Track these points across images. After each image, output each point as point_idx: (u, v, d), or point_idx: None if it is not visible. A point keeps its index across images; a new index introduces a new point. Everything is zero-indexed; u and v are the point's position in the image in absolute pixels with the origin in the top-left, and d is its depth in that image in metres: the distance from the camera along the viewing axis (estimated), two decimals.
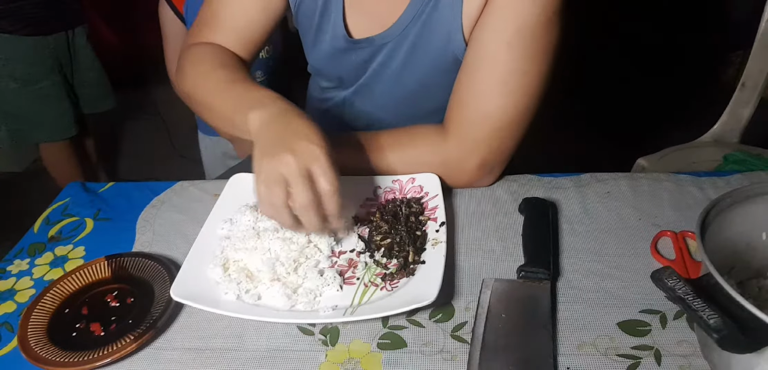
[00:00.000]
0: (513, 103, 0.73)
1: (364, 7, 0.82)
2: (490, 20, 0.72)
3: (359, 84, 0.90)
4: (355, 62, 0.87)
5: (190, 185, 0.87)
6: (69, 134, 2.00)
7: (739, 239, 0.57)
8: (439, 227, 0.69)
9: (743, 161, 1.34)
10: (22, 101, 1.87)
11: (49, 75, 1.89)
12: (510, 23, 0.71)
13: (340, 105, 0.95)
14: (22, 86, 1.84)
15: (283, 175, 0.59)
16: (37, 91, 1.87)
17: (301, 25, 0.89)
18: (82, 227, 0.80)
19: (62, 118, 1.96)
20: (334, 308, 0.60)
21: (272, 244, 0.66)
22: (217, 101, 0.75)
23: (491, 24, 0.72)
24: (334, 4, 0.82)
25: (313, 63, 0.95)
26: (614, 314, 0.60)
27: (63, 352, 0.59)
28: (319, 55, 0.89)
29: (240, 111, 0.69)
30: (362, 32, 0.83)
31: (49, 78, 1.89)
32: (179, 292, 0.61)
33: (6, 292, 0.70)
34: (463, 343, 0.58)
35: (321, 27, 0.85)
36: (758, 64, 1.38)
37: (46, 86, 1.88)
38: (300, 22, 0.88)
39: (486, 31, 0.73)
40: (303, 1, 0.84)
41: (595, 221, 0.74)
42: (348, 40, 0.83)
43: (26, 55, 1.82)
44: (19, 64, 1.82)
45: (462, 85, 0.76)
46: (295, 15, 0.87)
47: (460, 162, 0.77)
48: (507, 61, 0.72)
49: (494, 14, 0.72)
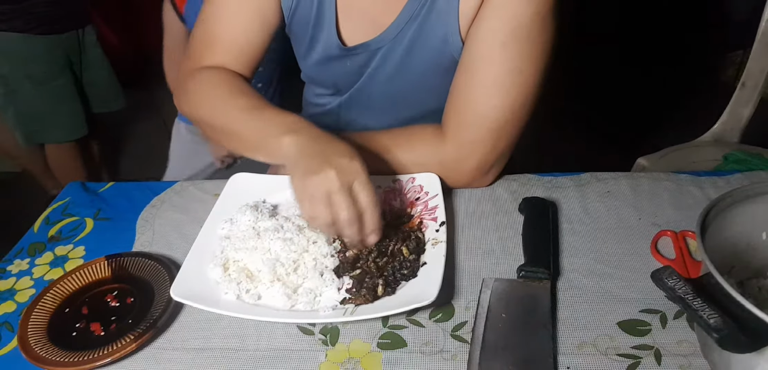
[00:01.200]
0: (509, 103, 0.73)
1: (357, 13, 0.82)
2: (485, 20, 0.72)
3: (355, 89, 0.89)
4: (350, 69, 0.86)
5: (190, 184, 0.87)
6: (81, 134, 2.00)
7: (739, 239, 0.57)
8: (439, 226, 0.69)
9: (743, 161, 1.34)
10: (38, 101, 1.87)
11: (62, 73, 1.90)
12: (505, 23, 0.71)
13: (336, 110, 0.95)
14: (38, 85, 1.85)
15: (328, 192, 0.61)
16: (51, 90, 1.88)
17: (294, 35, 0.88)
18: (82, 227, 0.80)
19: (75, 117, 1.97)
20: (334, 307, 0.60)
21: (272, 244, 0.66)
22: (240, 127, 0.75)
23: (487, 24, 0.72)
24: (327, 13, 0.82)
25: (307, 72, 0.94)
26: (614, 314, 0.60)
27: (63, 352, 0.59)
28: (312, 64, 0.89)
29: (272, 136, 0.70)
30: (356, 39, 0.83)
31: (63, 76, 1.90)
32: (179, 292, 0.61)
33: (6, 292, 0.70)
34: (463, 343, 0.58)
35: (314, 36, 0.85)
36: (758, 63, 1.38)
37: (60, 85, 1.89)
38: (293, 32, 0.87)
39: (481, 31, 0.73)
40: (296, 11, 0.83)
41: (595, 220, 0.74)
42: (341, 48, 0.83)
43: (41, 54, 1.83)
44: (35, 63, 1.82)
45: (458, 85, 0.76)
46: (288, 25, 0.85)
47: (457, 163, 0.77)
48: (502, 61, 0.72)
49: (490, 14, 0.72)
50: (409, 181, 0.78)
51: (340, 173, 0.62)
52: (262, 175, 0.82)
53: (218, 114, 0.79)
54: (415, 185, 0.77)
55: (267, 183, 0.80)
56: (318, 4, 0.81)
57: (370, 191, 0.63)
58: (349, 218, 0.62)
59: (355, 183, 0.62)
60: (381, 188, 0.78)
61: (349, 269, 0.65)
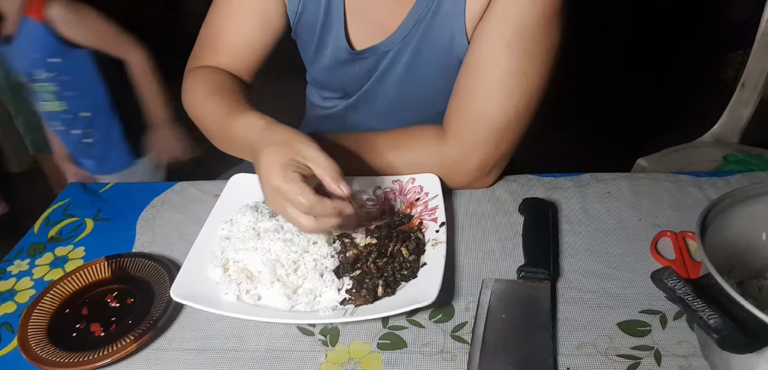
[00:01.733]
0: (512, 104, 0.73)
1: (365, 16, 0.82)
2: (490, 21, 0.72)
3: (362, 92, 0.89)
4: (358, 73, 0.86)
5: (190, 185, 0.87)
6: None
7: (739, 239, 0.57)
8: (439, 227, 0.69)
9: (743, 161, 1.34)
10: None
11: None
12: (510, 24, 0.71)
13: (343, 113, 0.95)
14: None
15: (278, 188, 0.61)
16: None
17: (300, 39, 0.88)
18: (82, 228, 0.80)
19: None
20: (333, 308, 0.60)
21: (272, 244, 0.66)
22: (212, 127, 0.78)
23: (492, 25, 0.72)
24: (335, 16, 0.82)
25: (315, 76, 0.93)
26: (614, 314, 0.60)
27: (63, 352, 0.59)
28: (320, 68, 0.89)
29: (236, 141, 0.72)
30: (365, 42, 0.83)
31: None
32: (179, 292, 0.61)
33: (6, 292, 0.70)
34: (463, 343, 0.58)
35: (322, 40, 0.84)
36: (758, 64, 1.38)
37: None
38: (300, 35, 0.87)
39: (486, 32, 0.73)
40: (303, 15, 0.83)
41: (595, 221, 0.74)
42: (350, 52, 0.83)
43: None
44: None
45: (461, 86, 0.76)
46: (294, 29, 0.85)
47: (459, 163, 0.77)
48: (506, 62, 0.72)
49: (495, 15, 0.72)
50: (409, 181, 0.78)
51: (286, 161, 0.61)
52: None
53: (199, 114, 0.81)
54: (415, 185, 0.77)
55: None
56: (325, 8, 0.81)
57: (322, 157, 0.61)
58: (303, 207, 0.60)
59: (305, 155, 0.61)
60: (381, 189, 0.78)
61: (349, 270, 0.65)
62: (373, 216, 0.74)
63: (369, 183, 0.78)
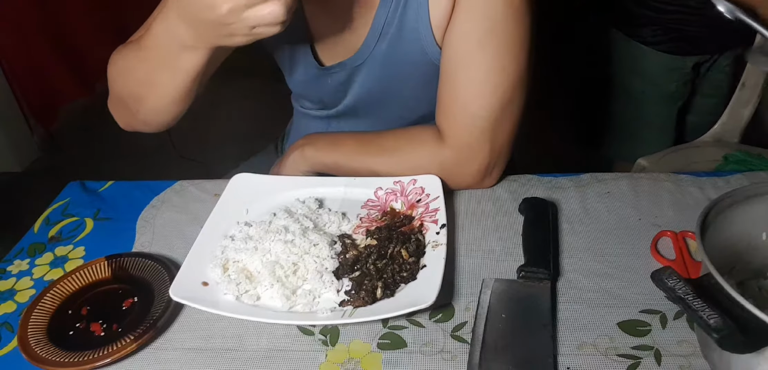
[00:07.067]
0: (497, 100, 0.73)
1: (329, 35, 0.81)
2: (458, 23, 0.72)
3: (343, 106, 0.89)
4: (332, 86, 0.86)
5: (190, 184, 0.87)
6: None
7: (739, 239, 0.57)
8: (440, 228, 0.69)
9: (743, 161, 1.34)
10: None
11: None
12: (478, 23, 0.70)
13: (326, 121, 0.94)
14: None
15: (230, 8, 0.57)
16: None
17: (276, 55, 0.88)
18: (82, 227, 0.80)
19: None
20: (332, 309, 0.60)
21: (273, 245, 0.66)
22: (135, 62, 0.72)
23: (460, 27, 0.72)
24: (299, 37, 0.81)
25: (293, 88, 0.94)
26: (614, 314, 0.60)
27: (63, 352, 0.59)
28: (296, 81, 0.89)
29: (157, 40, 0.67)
30: (333, 59, 0.82)
31: None
32: (179, 292, 0.61)
33: (6, 292, 0.70)
34: (463, 343, 0.58)
35: (293, 57, 0.84)
36: None
37: None
38: (273, 50, 0.87)
39: (456, 35, 0.72)
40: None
41: (595, 221, 0.74)
42: (320, 68, 0.83)
43: None
44: None
45: (444, 92, 0.76)
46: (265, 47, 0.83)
47: (458, 166, 0.77)
48: (482, 61, 0.72)
49: (462, 17, 0.71)
50: (410, 183, 0.77)
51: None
52: (264, 175, 0.82)
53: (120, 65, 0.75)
54: (416, 186, 0.77)
55: (268, 183, 0.80)
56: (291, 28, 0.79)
57: None
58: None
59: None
60: (382, 190, 0.78)
61: (348, 271, 0.65)
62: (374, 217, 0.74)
63: (370, 184, 0.78)
